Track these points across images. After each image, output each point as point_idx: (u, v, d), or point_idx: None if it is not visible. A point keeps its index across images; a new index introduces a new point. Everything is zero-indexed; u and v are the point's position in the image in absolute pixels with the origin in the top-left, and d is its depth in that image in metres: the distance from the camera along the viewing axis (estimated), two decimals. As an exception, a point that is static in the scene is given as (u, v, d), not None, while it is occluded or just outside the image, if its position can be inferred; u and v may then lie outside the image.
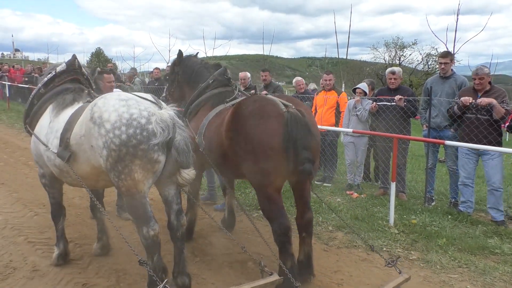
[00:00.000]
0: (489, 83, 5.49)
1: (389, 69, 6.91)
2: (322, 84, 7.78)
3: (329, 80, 7.49)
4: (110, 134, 3.04)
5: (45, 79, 4.06)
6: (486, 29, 20.99)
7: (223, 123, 3.69)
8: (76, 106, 3.68)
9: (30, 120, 4.04)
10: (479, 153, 5.44)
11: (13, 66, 20.57)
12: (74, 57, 4.20)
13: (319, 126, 6.87)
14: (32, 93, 4.13)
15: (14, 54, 78.08)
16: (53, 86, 4.01)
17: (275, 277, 3.19)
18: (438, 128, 6.16)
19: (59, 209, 4.12)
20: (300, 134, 3.22)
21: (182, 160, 3.13)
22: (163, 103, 3.38)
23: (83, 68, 4.22)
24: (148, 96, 3.40)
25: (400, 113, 6.38)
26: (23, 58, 70.47)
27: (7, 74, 18.10)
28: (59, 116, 3.69)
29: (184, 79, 4.80)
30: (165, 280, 2.88)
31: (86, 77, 4.25)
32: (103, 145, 3.08)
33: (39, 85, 4.08)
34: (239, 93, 4.55)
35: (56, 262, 4.01)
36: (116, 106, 3.13)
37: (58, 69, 4.05)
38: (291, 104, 3.42)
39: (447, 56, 6.34)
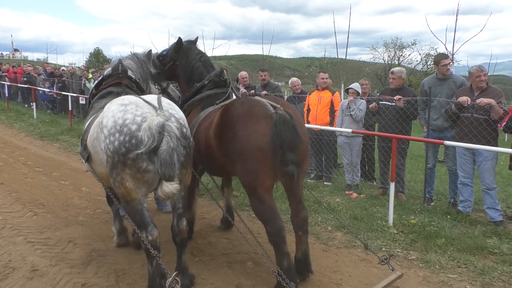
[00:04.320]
0: (486, 82, 5.49)
1: (391, 70, 6.96)
2: (319, 82, 7.76)
3: (326, 78, 7.57)
4: (107, 140, 3.02)
5: (96, 81, 4.33)
6: (486, 29, 21.01)
7: (212, 125, 3.71)
8: None
9: (86, 118, 4.21)
10: (474, 153, 5.45)
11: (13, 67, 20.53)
12: (119, 61, 4.27)
13: (315, 126, 6.95)
14: (89, 93, 4.43)
15: (13, 54, 78.02)
16: (101, 88, 4.17)
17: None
18: (438, 129, 6.15)
19: (110, 199, 4.31)
20: (287, 135, 3.24)
21: (163, 172, 2.88)
22: (164, 106, 3.24)
23: (129, 72, 4.24)
24: (154, 98, 3.32)
25: (400, 114, 6.38)
26: (22, 58, 70.40)
27: (6, 74, 18.09)
28: (90, 118, 3.84)
29: (183, 72, 4.72)
30: (175, 273, 2.79)
31: (134, 80, 4.26)
32: (104, 151, 3.08)
33: (93, 86, 4.40)
34: (233, 95, 4.55)
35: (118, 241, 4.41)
36: (114, 112, 3.10)
37: (105, 73, 4.26)
38: (279, 106, 3.44)
39: (448, 57, 6.38)
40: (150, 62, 4.73)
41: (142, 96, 3.39)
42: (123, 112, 3.07)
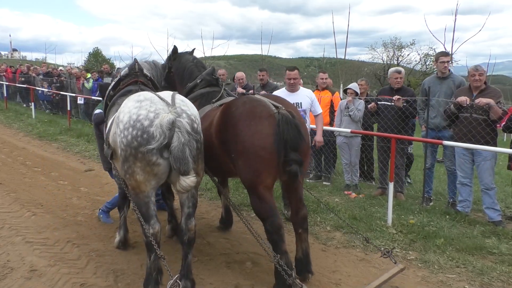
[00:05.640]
0: (484, 82, 5.50)
1: (394, 69, 6.88)
2: (318, 82, 7.76)
3: (326, 78, 7.55)
4: (122, 134, 3.18)
5: (113, 82, 4.38)
6: (486, 29, 21.05)
7: (212, 124, 3.72)
8: None
9: (106, 119, 4.30)
10: (473, 153, 5.46)
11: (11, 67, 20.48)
12: (135, 61, 4.46)
13: (314, 126, 6.95)
14: (105, 95, 4.49)
15: (11, 54, 77.98)
16: (119, 89, 4.27)
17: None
18: (436, 128, 6.17)
19: (123, 200, 4.46)
20: (290, 135, 3.27)
21: (177, 167, 3.01)
22: (177, 102, 3.32)
23: (144, 70, 4.41)
24: (168, 95, 3.41)
25: (399, 113, 6.39)
26: (21, 58, 70.29)
27: (4, 74, 18.04)
28: (112, 117, 3.91)
29: (177, 76, 4.83)
30: (177, 276, 2.90)
31: (149, 78, 4.45)
32: (119, 144, 3.24)
33: (109, 88, 4.44)
34: (226, 94, 4.57)
35: (117, 245, 4.42)
36: (130, 107, 3.24)
37: (122, 73, 4.38)
38: (281, 106, 3.45)
39: (448, 55, 6.40)
40: (164, 74, 4.92)
41: (158, 93, 3.49)
42: (138, 108, 3.20)
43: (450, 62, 6.56)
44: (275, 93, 5.37)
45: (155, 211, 3.34)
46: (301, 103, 5.41)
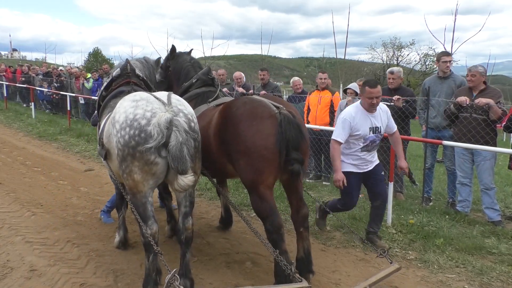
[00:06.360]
0: (484, 83, 5.50)
1: (388, 70, 6.94)
2: (317, 82, 7.77)
3: (325, 78, 7.55)
4: (118, 134, 3.16)
5: (105, 83, 4.38)
6: (486, 29, 21.03)
7: (211, 124, 3.72)
8: None
9: (99, 119, 4.29)
10: (473, 153, 5.46)
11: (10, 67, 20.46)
12: (126, 61, 4.46)
13: (315, 126, 6.95)
14: (97, 95, 4.50)
15: (11, 54, 77.99)
16: (111, 89, 4.26)
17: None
18: (436, 128, 6.18)
19: (121, 200, 4.46)
20: (292, 135, 3.29)
21: (175, 166, 3.00)
22: (173, 102, 3.32)
23: (137, 70, 4.41)
24: (164, 95, 3.41)
25: (398, 114, 6.39)
26: (21, 57, 70.27)
27: (4, 74, 18.03)
28: (105, 117, 3.91)
29: (174, 76, 4.84)
30: (174, 270, 2.84)
31: (142, 78, 4.44)
32: (115, 145, 3.22)
33: (101, 88, 4.45)
34: (221, 94, 4.58)
35: (117, 245, 4.42)
36: (126, 107, 3.23)
37: (114, 73, 4.37)
38: (281, 106, 3.47)
39: (449, 55, 6.42)
40: (157, 69, 4.89)
41: (153, 93, 3.50)
42: (134, 107, 3.20)
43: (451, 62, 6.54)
44: (353, 114, 4.32)
45: (153, 212, 3.33)
46: (381, 126, 4.45)
